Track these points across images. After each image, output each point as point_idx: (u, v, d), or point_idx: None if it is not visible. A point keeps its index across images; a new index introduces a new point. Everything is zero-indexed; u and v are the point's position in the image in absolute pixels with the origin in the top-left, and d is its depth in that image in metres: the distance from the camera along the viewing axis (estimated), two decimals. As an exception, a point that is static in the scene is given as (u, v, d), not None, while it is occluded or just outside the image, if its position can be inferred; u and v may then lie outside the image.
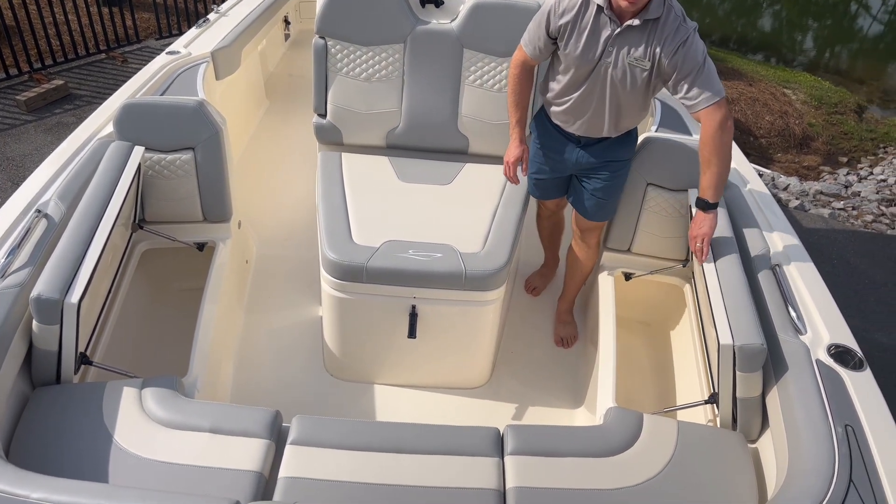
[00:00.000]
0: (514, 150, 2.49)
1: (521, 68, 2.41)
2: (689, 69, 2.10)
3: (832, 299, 2.11)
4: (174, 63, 3.10)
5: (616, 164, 2.48)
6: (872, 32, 11.35)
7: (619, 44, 2.15)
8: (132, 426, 1.76)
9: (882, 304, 4.07)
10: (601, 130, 2.38)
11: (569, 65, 2.26)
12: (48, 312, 1.81)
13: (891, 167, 5.83)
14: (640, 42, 2.13)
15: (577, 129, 2.41)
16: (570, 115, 2.38)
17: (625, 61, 2.16)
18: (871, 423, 1.70)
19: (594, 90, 2.27)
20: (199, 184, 2.57)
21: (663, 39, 2.10)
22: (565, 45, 2.23)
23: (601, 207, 2.55)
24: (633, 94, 2.25)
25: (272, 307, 2.89)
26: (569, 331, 2.88)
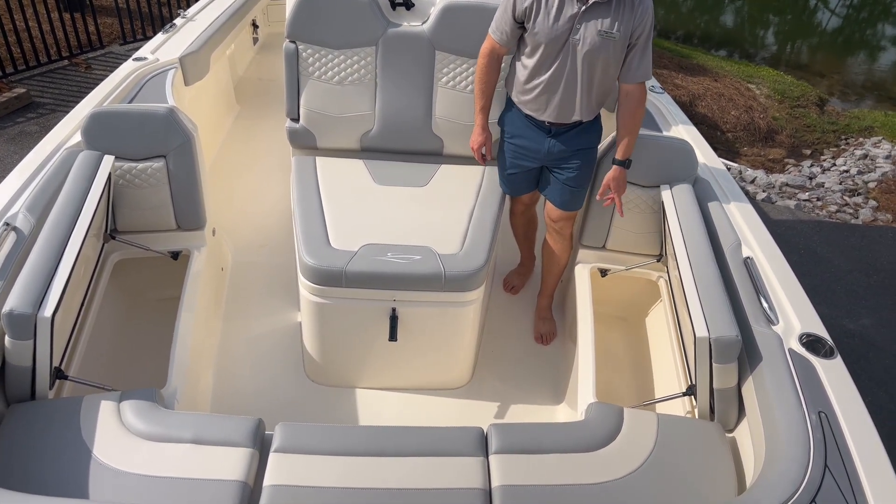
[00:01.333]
0: (477, 136, 2.62)
1: (489, 57, 2.47)
2: (643, 40, 2.26)
3: (802, 289, 2.17)
4: (141, 70, 3.06)
5: (585, 152, 2.54)
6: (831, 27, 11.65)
7: (587, 19, 2.21)
8: (112, 440, 1.73)
9: (848, 291, 4.19)
10: (573, 112, 2.42)
11: (536, 45, 2.30)
12: (21, 327, 1.77)
13: (853, 158, 5.99)
14: (607, 14, 2.20)
15: (549, 115, 2.45)
16: (542, 99, 2.42)
17: (594, 36, 2.22)
18: (844, 410, 1.75)
19: (564, 69, 2.32)
20: (171, 192, 2.54)
21: (629, 9, 2.21)
22: (532, 24, 2.27)
23: (574, 196, 2.60)
24: (603, 69, 2.31)
25: (250, 314, 2.86)
26: (548, 327, 2.90)
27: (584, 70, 2.30)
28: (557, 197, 2.62)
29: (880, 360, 3.67)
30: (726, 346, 1.87)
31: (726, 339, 1.87)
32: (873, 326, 3.91)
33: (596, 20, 2.21)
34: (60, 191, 2.21)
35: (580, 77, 2.32)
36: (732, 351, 1.88)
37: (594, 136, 2.54)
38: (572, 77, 2.33)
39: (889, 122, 6.79)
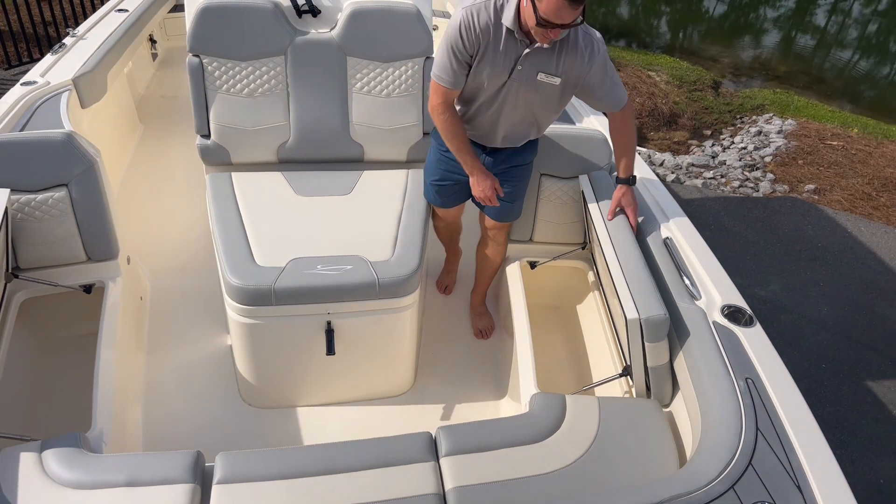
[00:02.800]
0: (484, 181, 2.44)
1: (446, 106, 2.31)
2: (600, 77, 2.24)
3: (718, 264, 2.28)
4: (32, 94, 2.86)
5: (521, 168, 2.53)
6: (717, 13, 12.35)
7: (529, 62, 2.19)
8: (35, 493, 1.61)
9: (756, 260, 4.46)
10: (510, 142, 2.44)
11: (478, 84, 2.26)
12: None
13: (748, 135, 6.37)
14: (549, 59, 2.18)
15: (487, 143, 2.45)
16: (481, 131, 2.41)
17: (532, 79, 2.21)
18: (768, 374, 1.86)
19: (503, 107, 2.30)
20: (77, 222, 2.39)
21: (572, 55, 2.18)
22: (479, 63, 2.21)
23: (509, 211, 2.60)
24: (542, 108, 2.33)
25: (175, 343, 2.73)
26: (485, 322, 2.93)
27: (522, 109, 2.31)
28: (493, 210, 2.60)
29: (791, 322, 3.93)
30: (656, 325, 1.95)
31: (655, 319, 1.94)
32: (782, 291, 4.18)
33: (538, 64, 2.19)
34: None
35: (518, 114, 2.33)
36: (662, 329, 1.96)
37: (530, 153, 2.54)
38: (511, 114, 2.33)
39: (778, 100, 7.27)
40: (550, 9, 1.95)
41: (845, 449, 3.16)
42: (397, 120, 2.85)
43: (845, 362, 3.67)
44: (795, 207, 5.12)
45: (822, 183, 5.52)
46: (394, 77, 2.78)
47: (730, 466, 1.61)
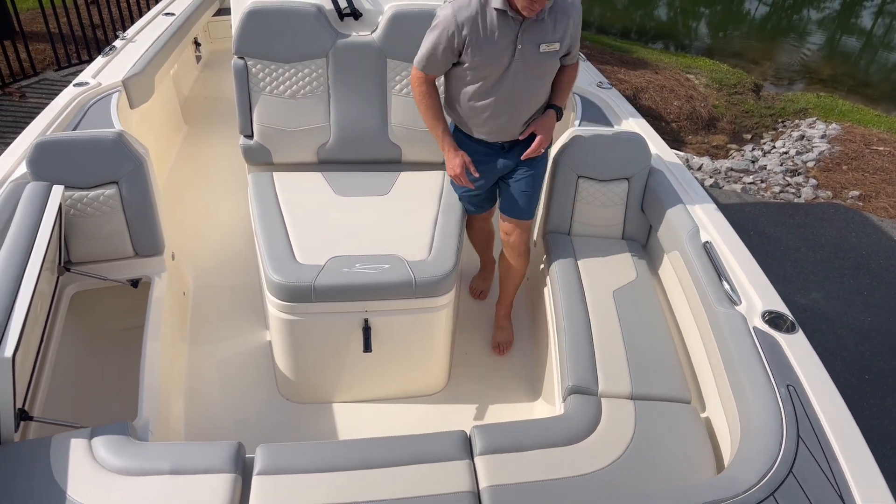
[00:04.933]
0: (454, 159, 2.46)
1: (426, 84, 2.37)
2: (577, 35, 2.33)
3: (760, 269, 2.25)
4: (84, 95, 2.96)
5: (537, 159, 2.55)
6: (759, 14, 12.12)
7: (527, 37, 2.20)
8: (86, 479, 1.67)
9: (797, 267, 4.36)
10: (522, 129, 2.44)
11: (479, 73, 2.27)
12: None
13: (790, 140, 6.24)
14: (545, 28, 2.21)
15: (501, 136, 2.45)
16: (491, 123, 2.41)
17: (535, 53, 2.23)
18: (810, 381, 1.83)
19: (509, 90, 2.30)
20: (126, 218, 2.47)
21: (563, 15, 2.23)
22: (472, 54, 2.21)
23: (527, 202, 2.59)
24: (545, 80, 2.36)
25: (217, 337, 2.80)
26: (505, 336, 2.87)
27: (528, 87, 2.31)
28: (515, 205, 2.59)
29: (833, 331, 3.83)
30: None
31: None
32: (823, 299, 4.08)
33: (535, 36, 2.21)
34: (10, 226, 2.12)
35: (525, 94, 2.33)
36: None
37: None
38: (518, 96, 2.32)
39: (821, 104, 7.10)
40: None
41: (889, 462, 3.08)
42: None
43: (889, 374, 3.57)
44: (839, 214, 4.99)
45: (867, 189, 5.38)
46: (433, 79, 2.81)
47: (770, 473, 1.59)
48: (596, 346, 2.21)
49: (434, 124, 2.43)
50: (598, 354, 2.18)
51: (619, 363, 2.15)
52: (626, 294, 2.43)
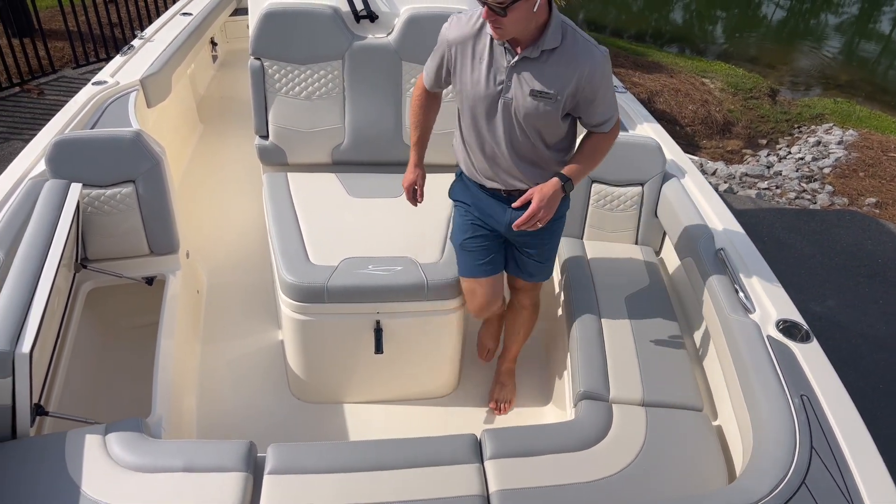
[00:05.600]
0: (408, 174, 2.26)
1: (424, 93, 2.18)
2: (599, 94, 1.91)
3: (774, 276, 2.23)
4: (102, 94, 3.00)
5: (552, 223, 2.16)
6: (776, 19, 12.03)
7: (519, 76, 1.88)
8: (100, 474, 1.69)
9: (812, 275, 4.33)
10: (523, 180, 2.07)
11: (466, 103, 2.01)
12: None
13: (806, 145, 6.19)
14: (542, 72, 1.87)
15: (499, 183, 2.10)
16: (486, 165, 2.09)
17: (525, 95, 1.89)
18: (824, 392, 1.81)
19: (503, 131, 1.98)
20: (142, 217, 2.50)
21: (566, 66, 1.85)
22: (457, 80, 1.98)
23: (541, 270, 2.30)
24: (543, 132, 1.97)
25: (229, 336, 2.82)
26: (505, 394, 2.60)
27: (525, 132, 1.97)
28: (522, 271, 2.31)
29: (847, 340, 3.80)
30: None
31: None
32: (838, 307, 4.04)
33: (527, 77, 1.87)
34: (28, 222, 2.15)
35: (514, 141, 1.99)
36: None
37: (563, 202, 2.11)
38: (513, 140, 1.99)
39: (838, 109, 7.04)
40: None
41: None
42: (450, 124, 2.87)
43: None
44: (855, 221, 4.94)
45: (884, 196, 5.32)
46: (448, 82, 2.82)
47: (782, 484, 1.58)
48: (608, 351, 2.20)
49: (412, 132, 2.24)
50: (609, 360, 2.17)
51: (630, 369, 2.14)
52: (639, 300, 2.42)
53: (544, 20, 1.83)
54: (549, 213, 1.95)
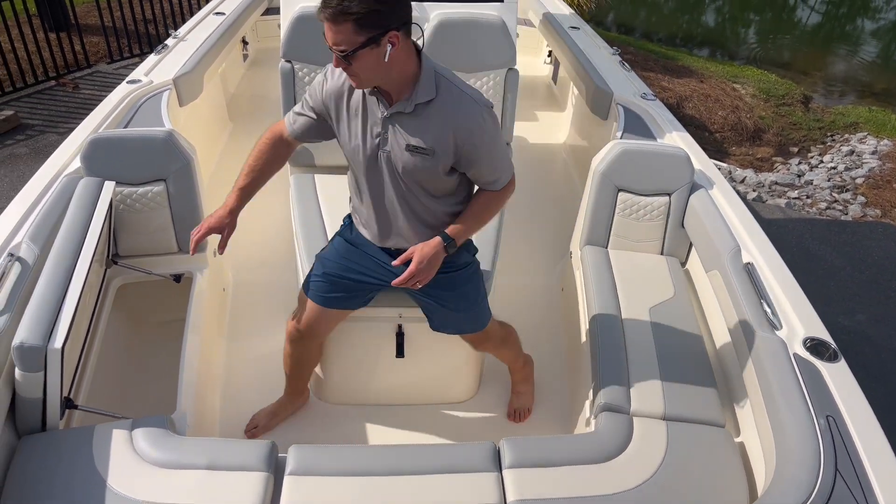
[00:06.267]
0: (213, 217, 1.96)
1: (279, 139, 1.97)
2: (481, 153, 1.76)
3: (802, 293, 2.20)
4: (136, 92, 3.06)
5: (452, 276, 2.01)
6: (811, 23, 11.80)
7: (394, 128, 1.75)
8: (125, 469, 1.73)
9: (841, 287, 4.24)
10: (406, 239, 1.94)
11: (349, 158, 1.88)
12: (32, 360, 1.76)
13: (839, 154, 6.07)
14: (417, 126, 1.73)
15: (382, 241, 1.98)
16: (370, 222, 1.97)
17: (402, 150, 1.76)
18: (851, 413, 1.78)
19: (382, 186, 1.86)
20: (172, 215, 2.54)
21: (443, 120, 1.71)
22: (338, 132, 1.85)
23: (455, 321, 2.13)
24: (427, 188, 1.84)
25: (253, 334, 2.86)
26: (522, 401, 2.54)
27: (406, 188, 1.84)
28: (448, 326, 2.15)
29: (877, 356, 3.72)
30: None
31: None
32: (868, 322, 3.96)
33: (401, 130, 1.74)
34: (63, 219, 2.21)
35: (393, 198, 1.87)
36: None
37: (458, 255, 1.99)
38: (394, 196, 1.87)
39: (873, 118, 6.89)
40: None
41: (930, 495, 2.98)
42: None
43: (935, 402, 3.45)
44: (888, 234, 4.84)
45: (918, 209, 5.21)
46: (475, 87, 2.82)
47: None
48: (630, 363, 2.19)
49: (242, 176, 1.99)
50: (631, 372, 2.16)
51: (652, 382, 2.12)
52: (663, 312, 2.40)
53: (413, 71, 1.69)
54: (430, 274, 1.85)
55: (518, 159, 4.17)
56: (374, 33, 1.56)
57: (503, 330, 2.35)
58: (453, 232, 1.87)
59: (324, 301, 2.12)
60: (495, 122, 1.77)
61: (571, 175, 4.08)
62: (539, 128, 4.63)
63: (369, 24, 1.55)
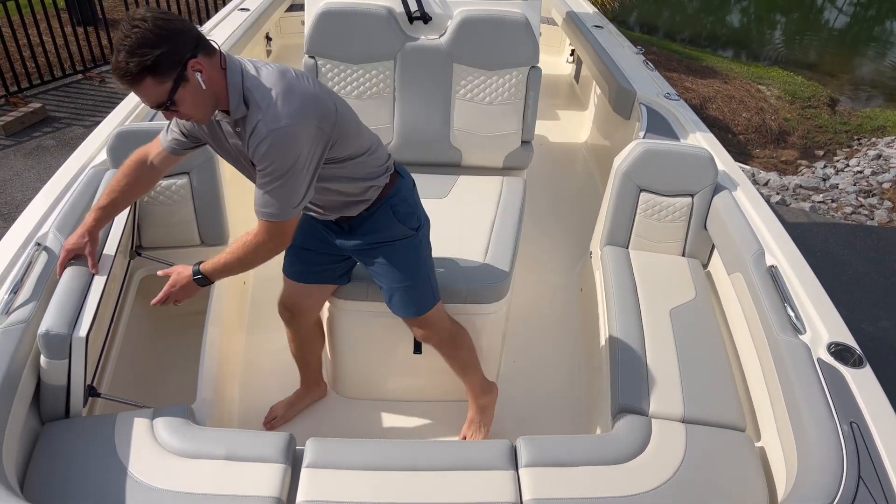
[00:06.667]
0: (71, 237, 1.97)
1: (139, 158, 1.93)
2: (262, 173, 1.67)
3: (827, 297, 2.16)
4: (162, 86, 3.09)
5: (385, 246, 2.00)
6: (839, 24, 11.61)
7: (235, 138, 1.74)
8: (146, 457, 1.75)
9: (866, 293, 4.17)
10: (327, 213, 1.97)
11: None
12: (57, 348, 1.79)
13: (866, 158, 5.97)
14: (242, 137, 1.70)
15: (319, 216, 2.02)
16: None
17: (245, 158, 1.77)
18: (875, 420, 1.75)
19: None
20: (195, 208, 2.57)
21: (248, 138, 1.64)
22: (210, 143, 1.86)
23: (399, 300, 2.09)
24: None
25: (273, 327, 2.88)
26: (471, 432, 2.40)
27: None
28: (391, 305, 2.12)
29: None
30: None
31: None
32: (893, 329, 3.90)
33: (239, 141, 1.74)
34: (89, 210, 2.24)
35: None
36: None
37: (389, 227, 1.98)
38: None
39: (902, 122, 6.77)
40: None
41: (954, 506, 2.92)
42: (497, 127, 2.87)
43: (961, 412, 3.38)
44: (914, 240, 4.75)
45: (947, 215, 5.10)
46: (497, 85, 2.81)
47: (826, 513, 1.54)
48: (649, 365, 2.17)
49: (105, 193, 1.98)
50: (651, 374, 2.14)
51: (672, 384, 2.10)
52: (684, 314, 2.38)
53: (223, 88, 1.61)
54: (182, 296, 1.90)
55: (539, 158, 4.17)
56: (175, 72, 1.50)
57: (454, 328, 2.25)
58: (209, 267, 1.86)
59: (291, 274, 2.16)
60: (282, 147, 1.60)
61: (593, 174, 4.06)
62: (561, 127, 4.61)
63: (165, 67, 1.48)
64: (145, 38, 1.45)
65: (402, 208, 1.97)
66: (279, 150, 1.60)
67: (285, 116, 1.59)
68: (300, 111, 1.61)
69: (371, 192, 1.92)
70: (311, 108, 1.64)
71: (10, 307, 1.90)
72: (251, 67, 1.66)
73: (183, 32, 1.51)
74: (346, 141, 1.78)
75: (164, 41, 1.47)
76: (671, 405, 2.04)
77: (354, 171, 1.86)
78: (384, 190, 1.94)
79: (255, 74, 1.64)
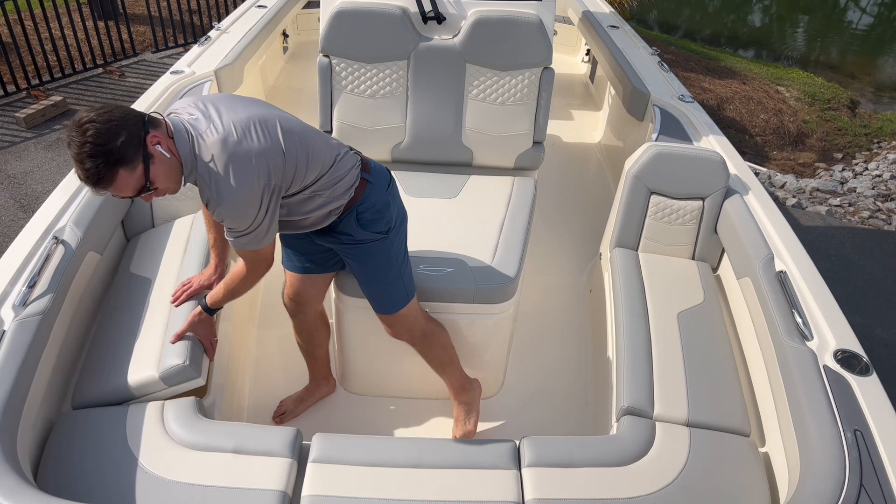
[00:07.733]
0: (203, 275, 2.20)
1: None
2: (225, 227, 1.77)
3: (836, 304, 2.15)
4: (179, 83, 3.14)
5: (354, 247, 2.03)
6: (862, 25, 11.43)
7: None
8: (156, 448, 1.79)
9: (881, 299, 4.13)
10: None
11: None
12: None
13: (885, 162, 5.89)
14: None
15: None
16: None
17: None
18: (880, 428, 1.74)
19: None
20: None
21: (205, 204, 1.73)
22: None
23: (368, 295, 2.13)
24: None
25: (283, 324, 2.91)
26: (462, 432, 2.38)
27: None
28: (369, 300, 2.16)
29: (915, 371, 3.62)
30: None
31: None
32: (907, 336, 3.85)
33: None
34: (106, 204, 2.28)
35: None
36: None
37: (355, 233, 1.99)
38: None
39: (923, 125, 6.67)
40: None
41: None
42: (509, 127, 2.88)
43: (975, 422, 3.34)
44: (932, 246, 4.69)
45: (967, 221, 5.02)
46: (510, 85, 2.82)
47: (827, 520, 1.54)
48: (655, 367, 2.18)
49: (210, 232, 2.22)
50: (656, 376, 2.14)
51: (677, 387, 2.11)
52: (692, 317, 2.38)
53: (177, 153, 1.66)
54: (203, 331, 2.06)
55: (552, 158, 4.17)
56: (140, 154, 1.55)
57: (428, 326, 2.26)
58: (211, 298, 2.03)
59: (290, 267, 2.23)
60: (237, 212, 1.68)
61: (605, 175, 4.05)
62: (574, 127, 4.61)
63: (131, 153, 1.53)
64: (101, 134, 1.49)
65: (368, 215, 1.98)
66: (235, 215, 1.69)
67: (234, 188, 1.65)
68: (247, 178, 1.66)
69: (337, 209, 1.96)
70: (258, 168, 1.68)
71: (28, 299, 1.94)
72: (193, 130, 1.67)
73: (129, 115, 1.56)
74: (304, 173, 1.82)
75: (120, 129, 1.52)
76: (676, 408, 2.04)
77: (319, 193, 1.90)
78: (350, 202, 1.97)
79: (202, 140, 1.66)
